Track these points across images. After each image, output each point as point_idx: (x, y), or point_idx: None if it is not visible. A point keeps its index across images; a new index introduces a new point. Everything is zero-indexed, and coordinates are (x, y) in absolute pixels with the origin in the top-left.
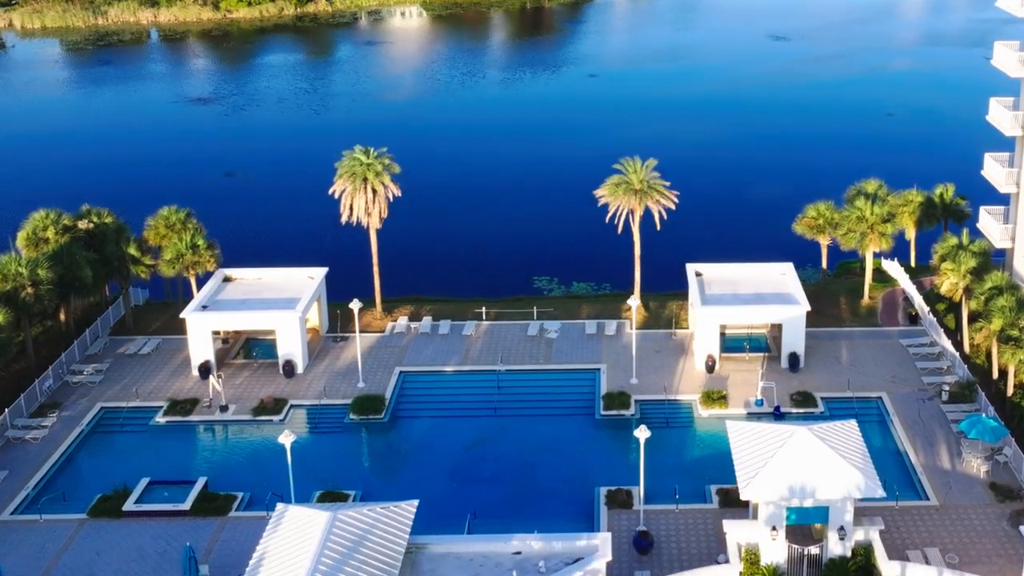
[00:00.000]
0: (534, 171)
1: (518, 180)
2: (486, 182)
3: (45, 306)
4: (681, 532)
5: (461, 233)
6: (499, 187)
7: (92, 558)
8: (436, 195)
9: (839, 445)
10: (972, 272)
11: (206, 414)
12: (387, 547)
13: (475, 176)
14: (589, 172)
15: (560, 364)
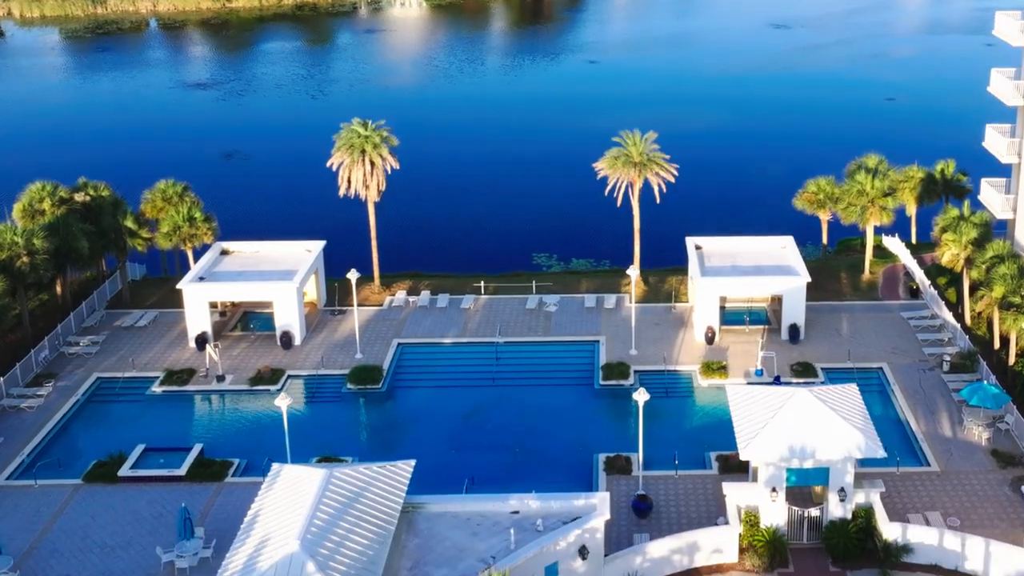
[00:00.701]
0: (533, 150)
1: (517, 159)
2: (485, 161)
3: (41, 276)
4: (680, 497)
5: (460, 210)
6: (498, 166)
7: (87, 522)
8: (434, 173)
9: (839, 407)
10: (973, 243)
11: (202, 384)
12: (383, 504)
13: (474, 155)
14: (588, 150)
15: (559, 336)
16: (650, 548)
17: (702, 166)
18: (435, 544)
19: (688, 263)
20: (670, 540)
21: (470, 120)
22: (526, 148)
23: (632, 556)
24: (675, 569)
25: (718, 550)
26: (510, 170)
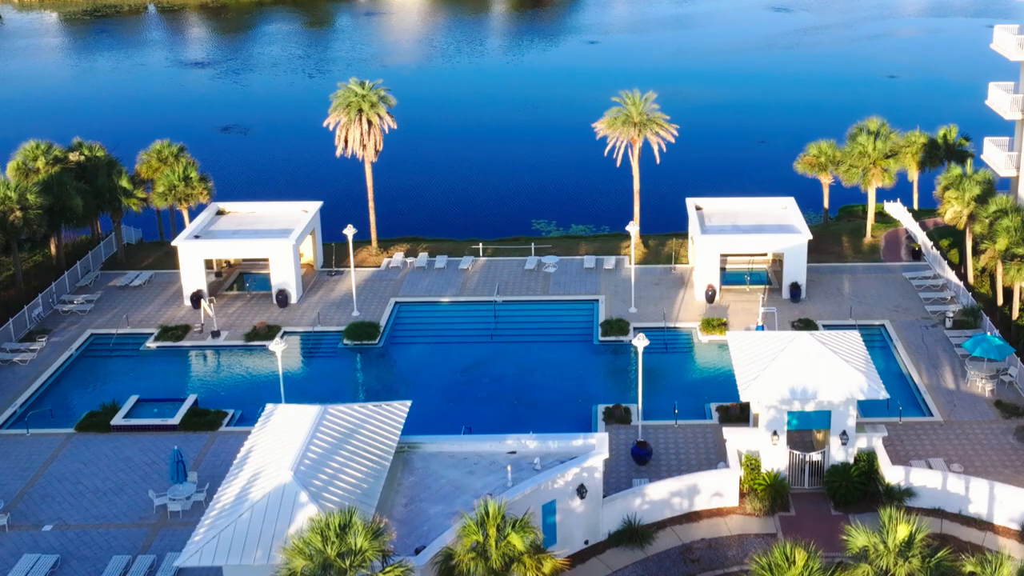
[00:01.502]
0: (531, 122)
1: (515, 130)
2: (483, 133)
3: (34, 231)
4: (680, 445)
5: (458, 178)
6: (497, 137)
7: (79, 468)
8: (433, 144)
9: (841, 350)
10: (976, 200)
11: (198, 339)
12: (379, 440)
13: (472, 128)
14: (587, 120)
15: (557, 295)
16: (649, 490)
17: (702, 135)
18: (431, 482)
19: (688, 224)
20: (669, 482)
21: (468, 95)
22: (524, 120)
23: (631, 498)
24: (675, 512)
25: (718, 494)
26: (509, 141)
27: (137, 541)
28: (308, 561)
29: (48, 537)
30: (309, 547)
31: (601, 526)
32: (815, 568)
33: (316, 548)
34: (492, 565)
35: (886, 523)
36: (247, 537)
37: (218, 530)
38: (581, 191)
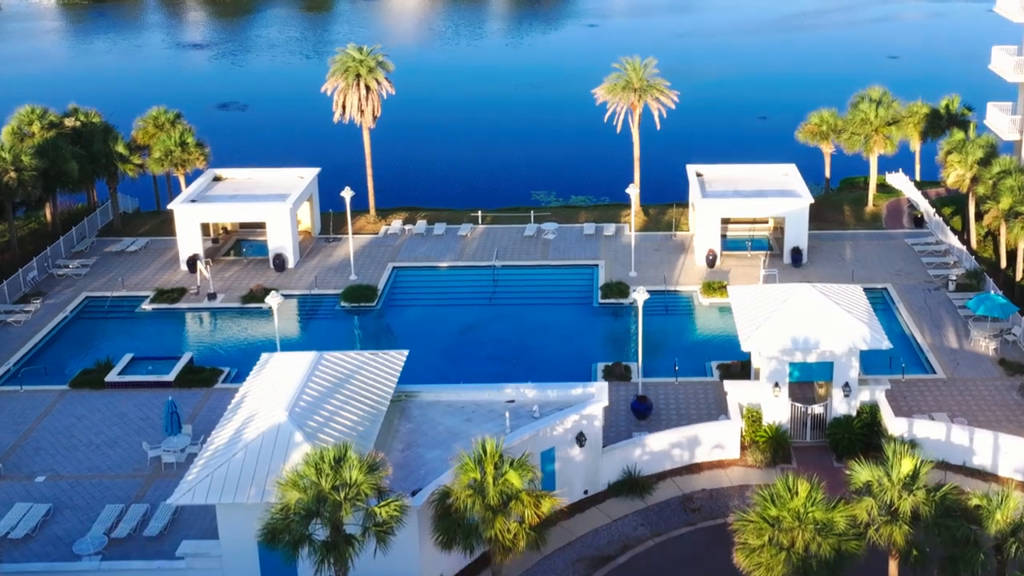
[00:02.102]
0: (531, 99)
1: (514, 106)
2: (482, 108)
3: (29, 193)
4: (680, 401)
5: (457, 151)
6: (495, 112)
7: (72, 423)
8: (431, 116)
9: (843, 302)
10: (979, 163)
11: (194, 301)
12: (375, 386)
13: (470, 104)
14: (587, 92)
15: (557, 260)
16: (649, 441)
17: (702, 109)
18: (428, 429)
19: (689, 191)
20: (670, 433)
21: (467, 74)
22: (524, 96)
23: (631, 448)
24: (675, 464)
25: (719, 446)
26: (508, 115)
27: (130, 492)
28: (302, 494)
29: (41, 488)
30: (303, 480)
31: (601, 476)
32: (818, 499)
33: (311, 480)
34: (489, 502)
35: (890, 457)
36: (240, 476)
37: (211, 469)
38: (581, 163)
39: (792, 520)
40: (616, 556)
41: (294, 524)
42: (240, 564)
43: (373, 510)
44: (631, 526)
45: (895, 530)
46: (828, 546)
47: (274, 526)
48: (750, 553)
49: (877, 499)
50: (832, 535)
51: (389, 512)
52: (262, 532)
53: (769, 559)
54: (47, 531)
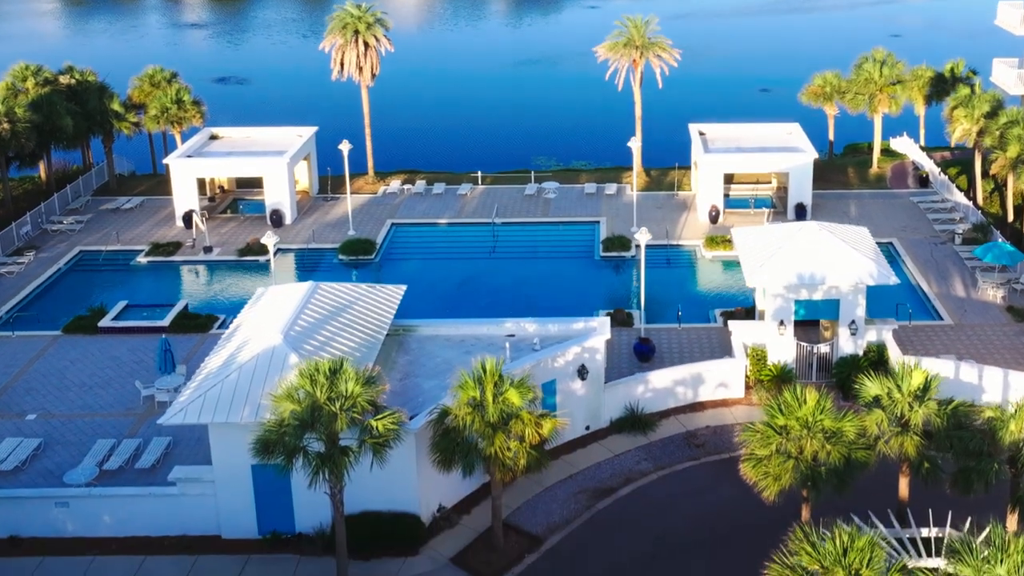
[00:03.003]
0: (531, 72)
1: (514, 79)
2: (482, 80)
3: (23, 145)
4: (684, 345)
5: (457, 118)
6: (496, 79)
7: (65, 365)
8: (432, 85)
9: (850, 239)
10: (985, 116)
11: (190, 254)
12: (372, 316)
13: (471, 72)
14: (587, 65)
15: (558, 217)
16: (652, 377)
17: (704, 81)
18: (426, 360)
19: (691, 150)
20: (673, 370)
21: (467, 51)
22: (524, 73)
23: (634, 384)
24: (679, 402)
25: (724, 384)
26: (507, 88)
27: (123, 429)
28: (296, 405)
29: (31, 425)
30: (298, 392)
31: (603, 412)
32: (827, 407)
33: (306, 392)
34: (489, 419)
35: (900, 371)
36: (234, 396)
37: (204, 390)
38: (581, 132)
39: (800, 428)
40: (619, 488)
41: (288, 435)
42: (233, 488)
43: (369, 423)
44: (634, 460)
45: (906, 440)
46: (837, 453)
47: (267, 438)
48: (757, 463)
49: (887, 411)
50: (841, 443)
51: (386, 425)
52: (255, 444)
53: (777, 467)
54: (37, 464)
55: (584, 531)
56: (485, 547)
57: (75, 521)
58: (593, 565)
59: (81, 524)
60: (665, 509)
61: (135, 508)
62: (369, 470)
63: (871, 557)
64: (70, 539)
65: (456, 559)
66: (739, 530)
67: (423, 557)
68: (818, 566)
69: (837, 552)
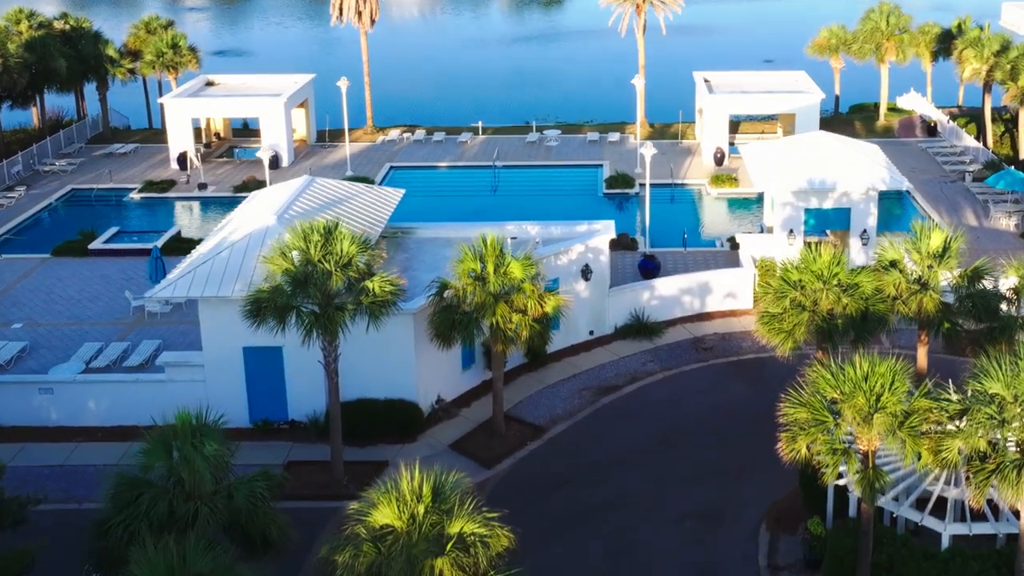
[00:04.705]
0: (531, 50)
1: (517, 50)
2: (484, 53)
3: (15, 81)
4: (690, 266)
5: (458, 86)
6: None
7: (53, 282)
8: (432, 55)
9: (861, 150)
10: (995, 55)
11: (184, 191)
12: (368, 211)
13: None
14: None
15: (561, 161)
16: (659, 284)
17: (707, 52)
18: (425, 257)
19: (696, 96)
20: (680, 278)
21: (469, 32)
22: (527, 49)
23: (640, 291)
24: (685, 312)
25: (732, 295)
26: (510, 58)
27: (111, 337)
28: (290, 264)
29: (18, 333)
30: (292, 252)
31: (607, 318)
32: (843, 261)
33: (300, 251)
34: (490, 289)
35: (918, 232)
36: (225, 272)
37: (195, 266)
38: (585, 95)
39: (815, 282)
40: (623, 386)
41: (281, 293)
42: (224, 373)
43: (366, 284)
44: (639, 362)
45: (925, 298)
46: (854, 306)
47: (259, 297)
48: (770, 320)
49: (905, 274)
50: (858, 296)
51: (382, 286)
52: (246, 305)
53: (791, 322)
54: (22, 365)
55: (587, 422)
56: (486, 434)
57: (59, 409)
58: (596, 452)
59: (65, 413)
60: (671, 404)
61: (121, 396)
62: (366, 331)
63: (894, 381)
64: (54, 428)
65: (455, 445)
66: (748, 421)
67: (421, 444)
68: (837, 393)
69: (858, 378)
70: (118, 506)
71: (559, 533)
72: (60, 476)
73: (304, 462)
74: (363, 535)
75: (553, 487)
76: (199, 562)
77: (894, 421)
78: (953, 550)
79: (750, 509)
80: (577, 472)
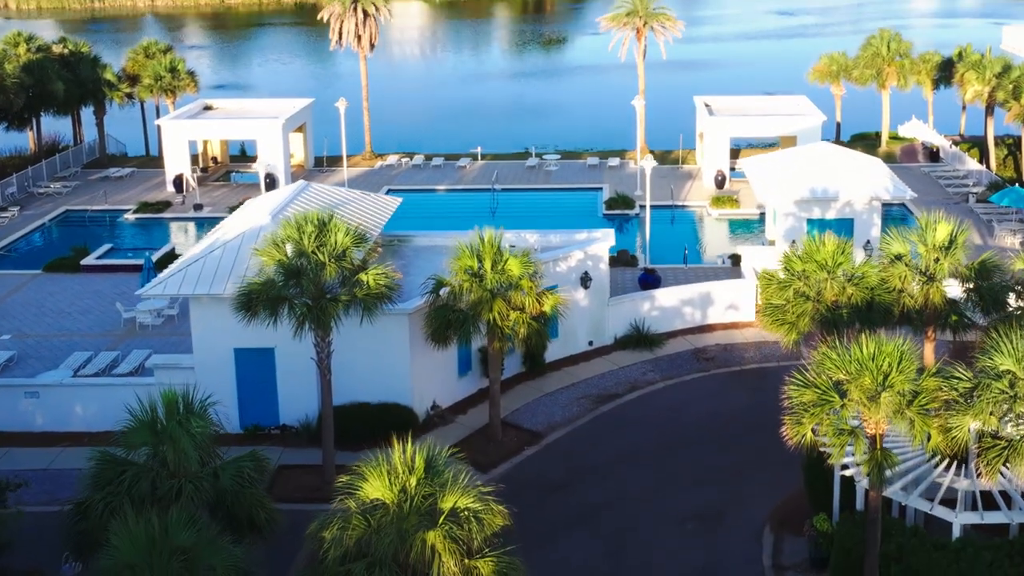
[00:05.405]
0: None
1: (518, 84)
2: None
3: (11, 101)
4: (691, 281)
5: (458, 109)
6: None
7: (44, 297)
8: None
9: (863, 162)
10: (996, 77)
11: (179, 212)
12: (364, 217)
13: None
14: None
15: (560, 184)
16: (659, 295)
17: (707, 84)
18: (422, 263)
19: (696, 121)
20: (681, 289)
21: (469, 66)
22: (527, 85)
23: (640, 301)
24: (686, 324)
25: (733, 306)
26: (509, 91)
27: (101, 347)
28: (283, 256)
29: (5, 343)
30: (286, 243)
31: (607, 328)
32: (848, 250)
33: (293, 241)
34: (487, 285)
35: (924, 226)
36: (217, 270)
37: (186, 264)
38: (585, 124)
39: (819, 271)
40: (623, 394)
41: (273, 285)
42: (214, 375)
43: (360, 277)
44: (640, 372)
45: (932, 289)
46: (859, 295)
47: (250, 288)
48: (773, 312)
49: (911, 267)
50: (863, 286)
51: (377, 279)
52: (237, 297)
53: (794, 312)
54: (9, 374)
55: (586, 429)
56: (482, 440)
57: (46, 414)
58: (595, 456)
59: (52, 417)
60: (672, 412)
61: (108, 400)
62: (359, 324)
63: (901, 360)
64: (40, 433)
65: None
66: (750, 427)
67: None
68: (843, 374)
69: (864, 357)
70: (99, 485)
71: (558, 534)
72: (44, 479)
73: (295, 466)
74: (353, 508)
75: (551, 490)
76: (181, 535)
77: (902, 400)
78: (964, 540)
79: (753, 511)
80: (576, 475)
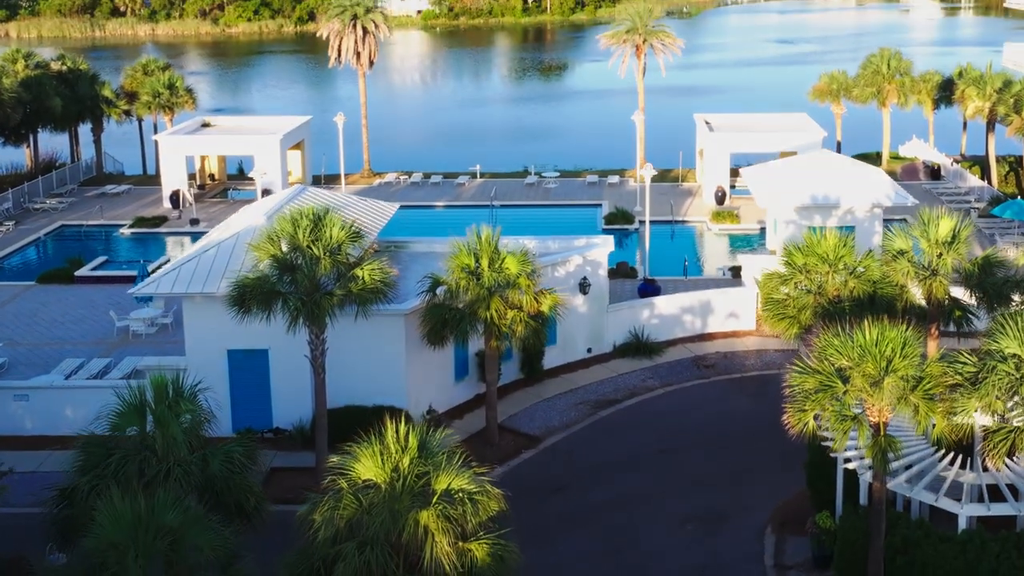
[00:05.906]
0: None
1: (516, 109)
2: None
3: (8, 115)
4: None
5: (458, 125)
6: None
7: (37, 307)
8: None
9: (864, 168)
10: (997, 92)
11: (176, 226)
12: (361, 222)
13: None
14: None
15: (559, 201)
16: (659, 302)
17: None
18: (419, 268)
19: (696, 138)
20: (681, 297)
21: (468, 92)
22: (526, 110)
23: (640, 309)
24: (686, 332)
25: (734, 315)
26: (508, 115)
27: (93, 355)
28: (277, 250)
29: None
30: (280, 239)
31: (606, 335)
32: (850, 243)
33: (288, 235)
34: (484, 284)
35: (926, 221)
36: (211, 269)
37: (180, 263)
38: (584, 145)
39: (821, 264)
40: (622, 400)
41: (267, 279)
42: (207, 375)
43: (355, 272)
44: (639, 378)
45: (935, 283)
46: (862, 288)
47: (244, 283)
48: (774, 307)
49: (914, 263)
50: (866, 279)
51: (372, 275)
52: (230, 293)
53: (795, 306)
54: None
55: (584, 433)
56: (479, 443)
57: (35, 417)
58: (594, 458)
59: (41, 421)
60: (671, 416)
61: (99, 403)
62: (354, 319)
63: (905, 345)
64: (29, 437)
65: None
66: (751, 431)
67: None
68: (846, 360)
69: (868, 343)
70: (85, 469)
71: (557, 535)
72: (31, 481)
73: (288, 468)
74: (344, 489)
75: (549, 491)
76: (168, 515)
77: (906, 386)
78: (971, 532)
79: (755, 512)
80: (574, 477)
